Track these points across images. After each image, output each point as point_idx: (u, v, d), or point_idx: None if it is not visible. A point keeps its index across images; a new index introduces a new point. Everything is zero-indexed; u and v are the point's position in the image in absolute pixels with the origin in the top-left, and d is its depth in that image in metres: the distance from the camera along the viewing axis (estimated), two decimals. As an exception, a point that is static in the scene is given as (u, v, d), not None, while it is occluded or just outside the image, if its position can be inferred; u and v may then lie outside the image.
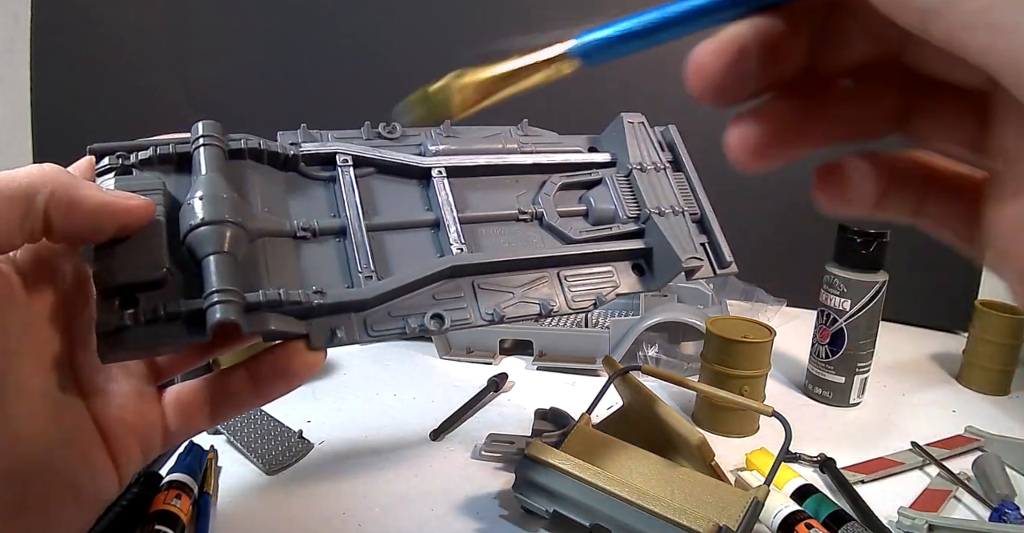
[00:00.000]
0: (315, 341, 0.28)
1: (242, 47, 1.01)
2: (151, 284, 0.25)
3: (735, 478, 0.51)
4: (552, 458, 0.44)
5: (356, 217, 0.32)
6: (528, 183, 0.38)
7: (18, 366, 0.23)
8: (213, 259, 0.25)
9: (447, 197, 0.34)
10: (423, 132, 0.37)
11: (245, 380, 0.28)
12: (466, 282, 0.32)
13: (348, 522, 0.47)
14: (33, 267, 0.25)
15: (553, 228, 0.36)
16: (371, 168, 0.34)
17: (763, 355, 0.60)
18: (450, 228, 0.33)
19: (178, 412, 0.28)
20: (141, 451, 0.27)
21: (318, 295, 0.28)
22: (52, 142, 1.01)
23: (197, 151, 0.29)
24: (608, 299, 0.35)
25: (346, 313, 0.29)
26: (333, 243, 0.31)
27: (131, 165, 0.28)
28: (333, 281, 0.30)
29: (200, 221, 0.26)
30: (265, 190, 0.31)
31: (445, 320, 0.31)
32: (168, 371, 0.29)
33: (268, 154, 0.31)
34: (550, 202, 0.37)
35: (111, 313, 0.24)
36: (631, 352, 0.68)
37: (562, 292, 0.34)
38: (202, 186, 0.27)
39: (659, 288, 0.37)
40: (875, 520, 0.46)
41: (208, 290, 0.25)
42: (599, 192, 0.38)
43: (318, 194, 0.33)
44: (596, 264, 0.36)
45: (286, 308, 0.27)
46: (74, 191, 0.24)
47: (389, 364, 0.72)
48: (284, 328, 0.27)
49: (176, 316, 0.25)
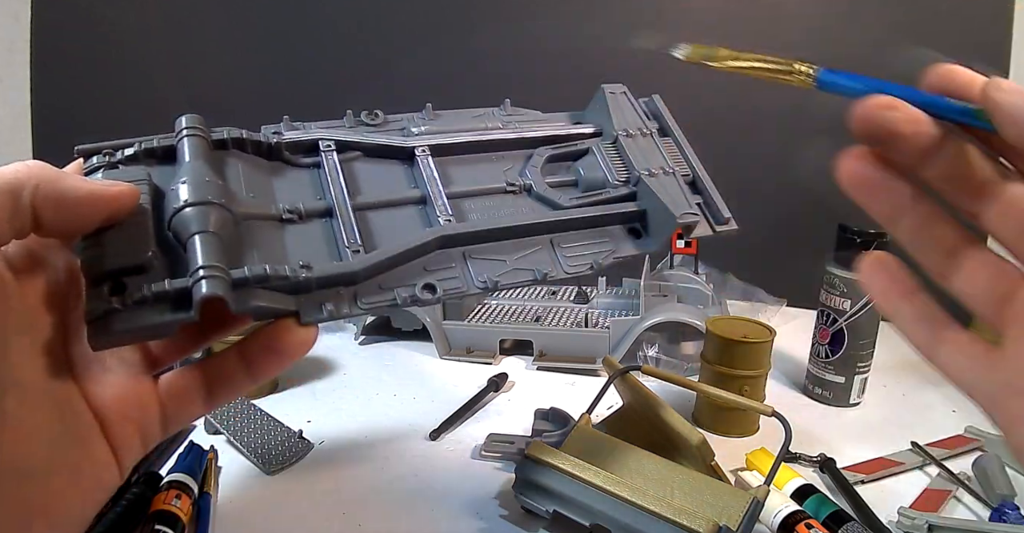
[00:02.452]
0: (305, 316, 0.28)
1: (242, 47, 1.01)
2: (137, 268, 0.25)
3: (735, 478, 0.51)
4: (552, 458, 0.44)
5: (341, 197, 0.32)
6: (514, 158, 0.37)
7: (14, 360, 0.23)
8: (198, 238, 0.25)
9: (432, 174, 0.34)
10: (406, 117, 0.37)
11: (238, 361, 0.28)
12: (457, 252, 0.32)
13: (348, 522, 0.47)
14: (24, 261, 0.25)
15: (543, 197, 0.36)
16: (356, 152, 0.34)
17: (763, 355, 0.60)
18: (437, 202, 0.33)
19: (174, 398, 0.28)
20: (140, 439, 0.27)
21: (305, 269, 0.28)
22: (52, 142, 1.01)
23: (181, 142, 0.29)
24: (605, 263, 0.34)
25: (335, 288, 0.29)
26: (320, 223, 0.31)
27: (117, 162, 0.29)
28: (321, 258, 0.30)
29: (184, 203, 0.26)
30: (250, 177, 0.31)
31: (437, 289, 0.30)
32: (164, 360, 0.29)
33: (251, 143, 0.32)
34: (537, 173, 0.37)
35: (99, 299, 0.24)
36: (631, 352, 0.68)
37: (557, 258, 0.34)
38: (186, 173, 0.27)
39: (657, 249, 0.37)
40: (875, 520, 0.46)
41: (193, 267, 0.25)
42: (587, 161, 0.38)
43: (303, 179, 0.33)
44: (590, 229, 0.35)
45: (274, 284, 0.27)
46: (59, 184, 0.24)
47: (389, 364, 0.72)
48: (273, 304, 0.27)
49: (163, 296, 0.25)
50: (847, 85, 0.24)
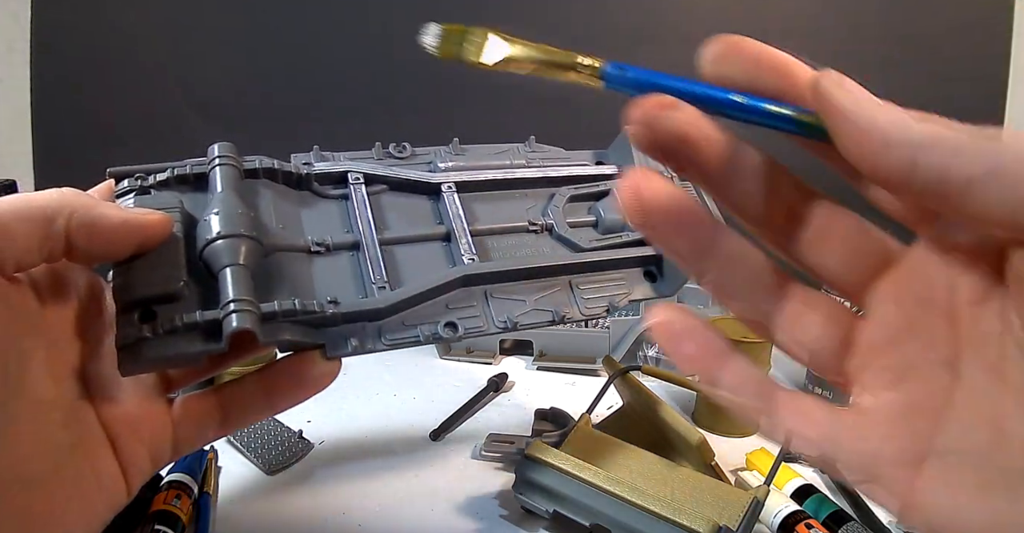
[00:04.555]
0: (331, 350, 0.28)
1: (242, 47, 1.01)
2: (169, 297, 0.25)
3: (735, 478, 0.51)
4: (552, 458, 0.44)
5: (369, 231, 0.32)
6: (537, 196, 0.38)
7: (31, 376, 0.24)
8: (229, 271, 0.26)
9: (457, 210, 0.35)
10: (432, 151, 0.37)
11: (258, 389, 0.28)
12: (479, 291, 0.33)
13: (348, 522, 0.47)
14: (48, 280, 0.26)
15: (563, 238, 0.36)
16: (383, 185, 0.35)
17: (763, 355, 0.60)
18: (461, 240, 0.34)
19: (188, 421, 0.28)
20: (150, 459, 0.27)
21: (332, 304, 0.28)
22: (52, 142, 1.02)
23: (213, 171, 0.29)
24: (620, 305, 0.35)
25: (360, 322, 0.29)
26: (347, 257, 0.32)
27: (149, 186, 0.29)
28: (347, 293, 0.30)
29: (216, 235, 0.26)
30: (279, 208, 0.31)
31: (459, 328, 0.31)
32: (178, 382, 0.29)
33: (282, 173, 0.32)
34: (559, 213, 0.37)
35: (130, 326, 0.25)
36: (631, 352, 0.68)
37: (574, 299, 0.34)
38: (218, 203, 0.28)
39: (671, 294, 0.37)
40: (875, 520, 0.46)
41: (224, 300, 0.25)
42: (607, 202, 0.39)
43: (331, 211, 0.33)
44: (607, 271, 0.36)
45: (301, 318, 0.27)
46: (94, 211, 0.24)
47: (389, 364, 0.72)
48: (300, 338, 0.27)
49: (193, 327, 0.25)
50: (637, 81, 0.19)
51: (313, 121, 0.98)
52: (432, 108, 1.07)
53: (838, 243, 0.20)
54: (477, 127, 0.46)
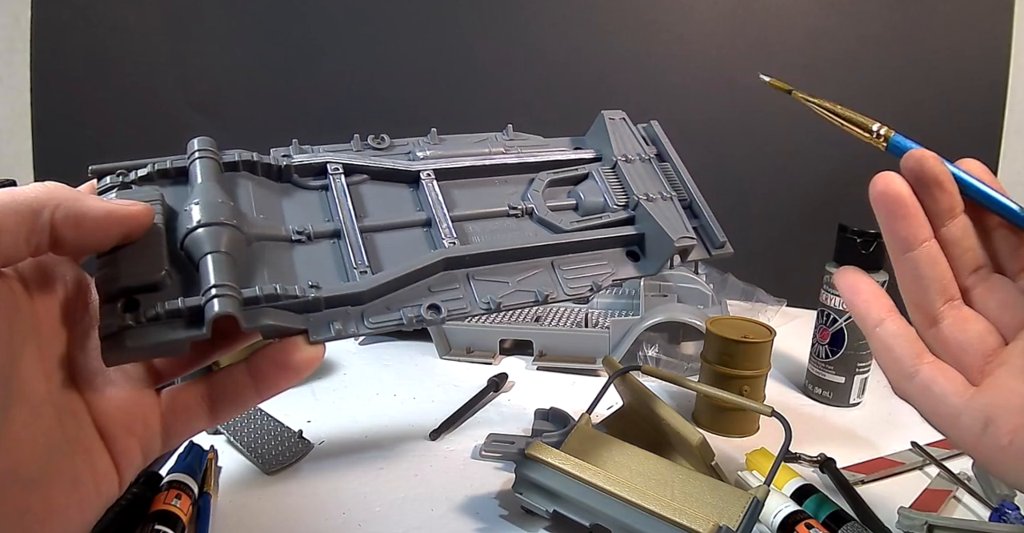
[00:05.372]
0: (314, 335, 0.28)
1: (241, 47, 1.01)
2: (151, 286, 0.26)
3: (735, 478, 0.51)
4: (552, 458, 0.44)
5: (349, 219, 0.33)
6: (516, 182, 0.38)
7: (21, 371, 0.24)
8: (211, 258, 0.26)
9: (437, 197, 0.35)
10: (411, 141, 0.38)
11: (245, 377, 0.28)
12: (461, 274, 0.33)
13: (348, 522, 0.47)
14: (35, 274, 0.26)
15: (544, 221, 0.37)
16: (362, 175, 0.35)
17: (763, 355, 0.60)
18: (441, 225, 0.34)
19: (177, 412, 0.28)
20: (142, 452, 0.27)
21: (314, 289, 0.28)
22: (52, 142, 1.02)
23: (193, 164, 0.30)
24: (604, 285, 0.35)
25: (343, 307, 0.29)
26: (328, 245, 0.32)
27: (130, 182, 0.29)
28: (329, 279, 0.30)
29: (197, 223, 0.27)
30: (260, 199, 0.32)
31: (442, 310, 0.31)
32: (167, 374, 0.29)
33: (261, 166, 0.33)
34: (539, 197, 0.38)
35: (113, 316, 0.25)
36: (631, 352, 0.68)
37: (558, 280, 0.35)
38: (199, 194, 0.28)
39: (655, 272, 0.38)
40: (875, 520, 0.46)
41: (206, 286, 0.25)
42: (587, 186, 0.39)
43: (312, 202, 0.34)
44: (590, 252, 0.36)
45: (283, 303, 0.27)
46: (79, 203, 0.24)
47: (389, 364, 0.72)
48: (282, 322, 0.27)
49: (176, 314, 0.25)
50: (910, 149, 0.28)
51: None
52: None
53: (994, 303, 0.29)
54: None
